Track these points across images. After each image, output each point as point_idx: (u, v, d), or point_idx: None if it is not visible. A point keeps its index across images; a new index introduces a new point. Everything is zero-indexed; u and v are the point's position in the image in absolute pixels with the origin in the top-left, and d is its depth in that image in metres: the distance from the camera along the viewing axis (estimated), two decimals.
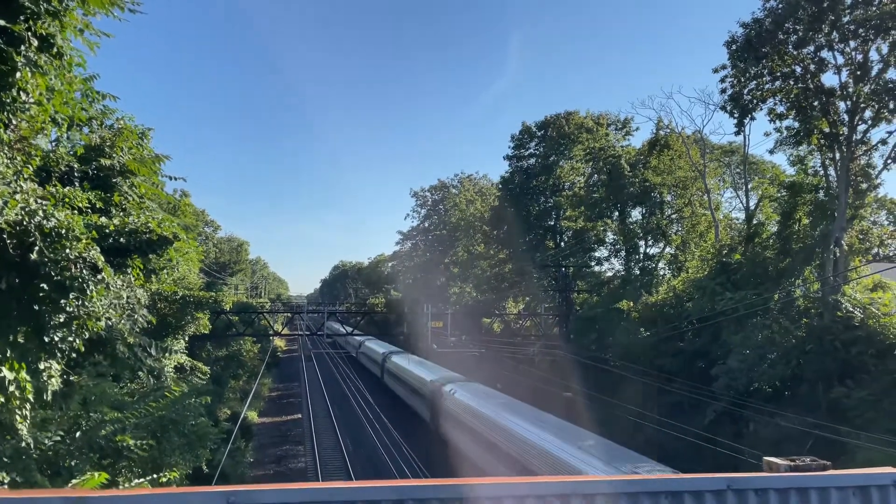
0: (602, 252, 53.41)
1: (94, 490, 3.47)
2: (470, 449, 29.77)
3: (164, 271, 15.67)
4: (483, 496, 3.47)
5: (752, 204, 41.96)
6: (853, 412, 23.61)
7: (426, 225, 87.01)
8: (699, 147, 44.30)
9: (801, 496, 3.95)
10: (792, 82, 30.26)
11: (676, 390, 30.65)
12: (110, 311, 12.24)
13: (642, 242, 47.57)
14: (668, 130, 46.05)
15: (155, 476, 11.86)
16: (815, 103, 29.36)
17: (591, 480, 3.63)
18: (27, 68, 9.40)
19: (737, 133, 35.37)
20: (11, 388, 10.57)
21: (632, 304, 39.43)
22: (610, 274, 52.07)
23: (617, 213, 48.71)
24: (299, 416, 49.54)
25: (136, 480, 11.78)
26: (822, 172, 31.23)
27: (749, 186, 43.17)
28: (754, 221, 37.65)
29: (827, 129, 29.18)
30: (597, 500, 3.59)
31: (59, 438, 13.34)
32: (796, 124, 31.10)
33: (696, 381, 29.48)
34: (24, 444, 10.41)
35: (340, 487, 3.52)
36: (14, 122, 10.73)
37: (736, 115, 33.66)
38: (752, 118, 33.76)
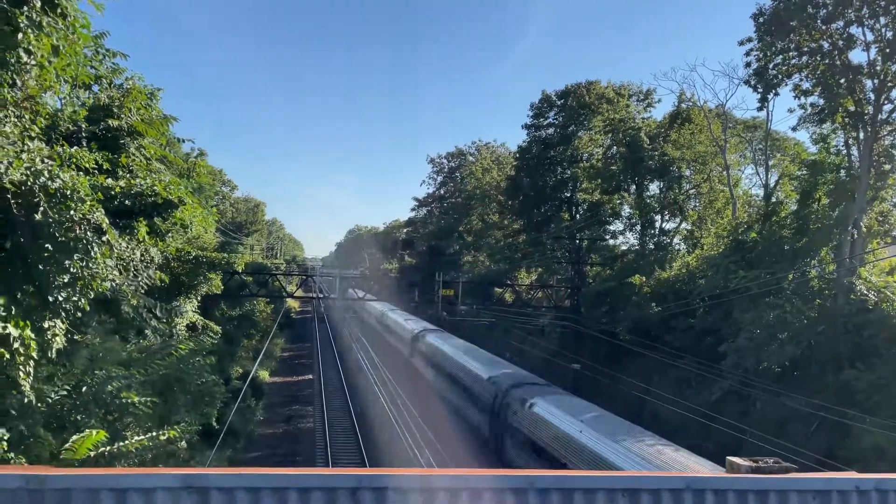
0: (617, 225, 52.96)
1: (54, 468, 3.52)
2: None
3: (170, 235, 15.73)
4: (440, 487, 3.48)
5: (771, 181, 41.30)
6: (861, 395, 23.48)
7: (442, 192, 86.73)
8: (721, 122, 43.48)
9: (760, 499, 3.90)
10: (819, 58, 29.48)
11: (684, 366, 30.65)
12: (114, 272, 12.36)
13: (658, 217, 47.07)
14: (691, 104, 45.19)
15: (154, 434, 12.09)
16: (842, 80, 28.62)
17: (548, 476, 3.62)
18: (30, 29, 9.36)
19: (760, 108, 34.75)
20: (16, 345, 10.76)
21: (644, 278, 39.23)
22: (624, 248, 51.73)
23: (634, 187, 48.13)
24: (310, 376, 50.21)
25: (137, 438, 12.01)
26: (844, 152, 30.61)
27: (770, 163, 42.42)
28: (773, 199, 37.07)
29: (852, 108, 28.49)
30: (552, 495, 3.59)
31: (65, 393, 13.63)
32: (821, 101, 30.39)
33: (705, 359, 29.43)
34: (26, 399, 10.63)
35: (298, 474, 3.54)
36: (19, 82, 10.72)
37: (760, 90, 33.01)
38: (777, 94, 33.13)
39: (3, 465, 8.50)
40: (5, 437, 10.13)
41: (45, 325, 11.39)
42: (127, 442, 12.47)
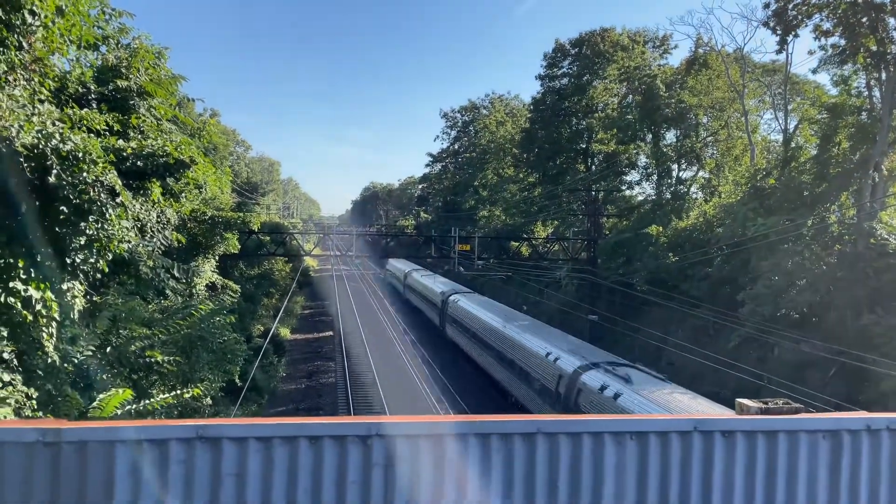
0: (633, 176, 52.44)
1: (69, 422, 3.60)
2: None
3: (184, 196, 15.77)
4: (448, 433, 3.52)
5: (791, 126, 40.44)
6: (881, 339, 23.36)
7: (456, 147, 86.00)
8: (739, 66, 42.45)
9: (768, 439, 3.91)
10: None
11: (701, 315, 30.60)
12: (131, 234, 12.46)
13: (675, 166, 46.45)
14: (708, 48, 44.11)
15: (179, 391, 12.34)
16: (864, 19, 27.69)
17: (556, 420, 3.65)
18: None
19: (779, 51, 33.74)
20: (38, 308, 10.96)
21: (661, 228, 38.94)
22: (640, 198, 51.27)
23: (650, 136, 47.39)
24: (330, 332, 50.81)
25: (162, 396, 12.27)
26: (865, 93, 29.81)
27: (789, 108, 41.48)
28: (792, 144, 36.37)
29: (874, 48, 27.62)
30: (559, 438, 3.63)
31: (90, 353, 13.92)
32: (842, 42, 29.49)
33: (722, 307, 29.35)
34: (50, 360, 10.86)
35: (309, 423, 3.60)
36: (26, 44, 10.66)
37: (779, 32, 32.09)
38: (796, 35, 32.18)
39: (20, 420, 8.77)
40: (34, 396, 10.39)
41: (65, 286, 11.56)
42: (153, 400, 12.73)
